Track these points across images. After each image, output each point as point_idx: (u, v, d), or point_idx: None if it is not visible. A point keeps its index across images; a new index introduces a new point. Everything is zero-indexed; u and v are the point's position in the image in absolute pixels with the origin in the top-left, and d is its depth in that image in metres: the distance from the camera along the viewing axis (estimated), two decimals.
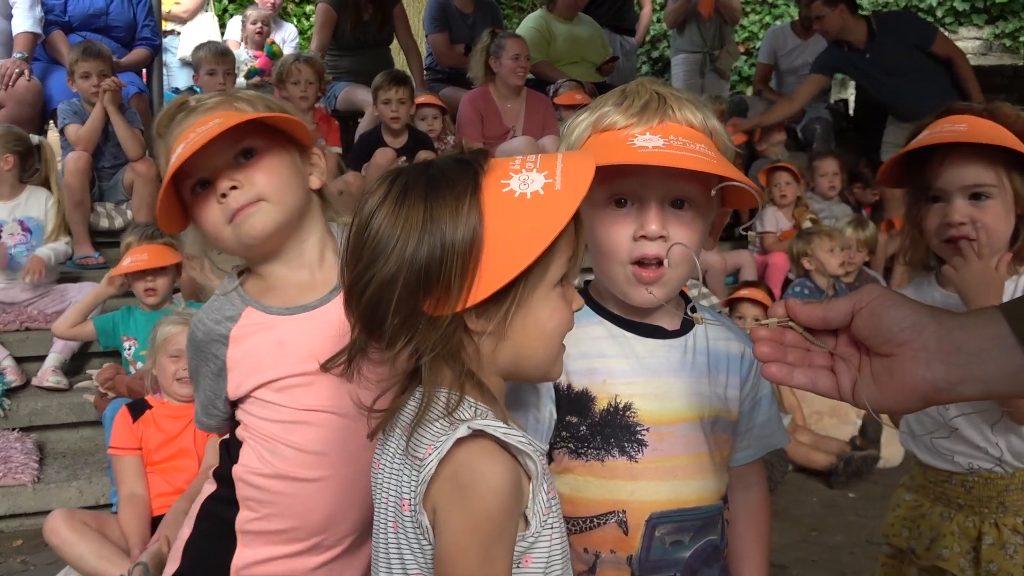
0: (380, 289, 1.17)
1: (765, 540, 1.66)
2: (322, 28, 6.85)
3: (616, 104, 1.48)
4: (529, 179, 1.19)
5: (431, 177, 1.20)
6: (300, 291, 1.71)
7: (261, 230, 1.65)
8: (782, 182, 6.02)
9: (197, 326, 1.72)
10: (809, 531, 3.96)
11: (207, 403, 1.77)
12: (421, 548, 1.20)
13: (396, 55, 7.44)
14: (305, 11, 12.46)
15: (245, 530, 1.72)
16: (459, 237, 1.15)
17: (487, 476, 1.16)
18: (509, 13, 12.85)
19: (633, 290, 1.47)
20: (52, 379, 4.41)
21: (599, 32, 7.52)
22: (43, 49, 5.85)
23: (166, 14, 7.97)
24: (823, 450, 4.55)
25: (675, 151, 1.38)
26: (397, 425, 1.27)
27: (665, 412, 1.49)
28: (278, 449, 1.69)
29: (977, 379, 1.04)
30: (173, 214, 1.69)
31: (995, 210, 1.83)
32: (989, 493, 1.92)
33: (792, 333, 1.14)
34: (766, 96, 7.71)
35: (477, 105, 6.22)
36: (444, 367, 1.21)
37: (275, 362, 1.67)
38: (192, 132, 1.60)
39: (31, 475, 4.03)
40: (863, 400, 1.10)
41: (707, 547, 1.52)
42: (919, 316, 1.06)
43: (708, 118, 1.47)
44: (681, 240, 1.43)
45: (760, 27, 12.72)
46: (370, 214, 1.20)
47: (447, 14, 7.08)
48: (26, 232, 4.80)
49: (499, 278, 1.15)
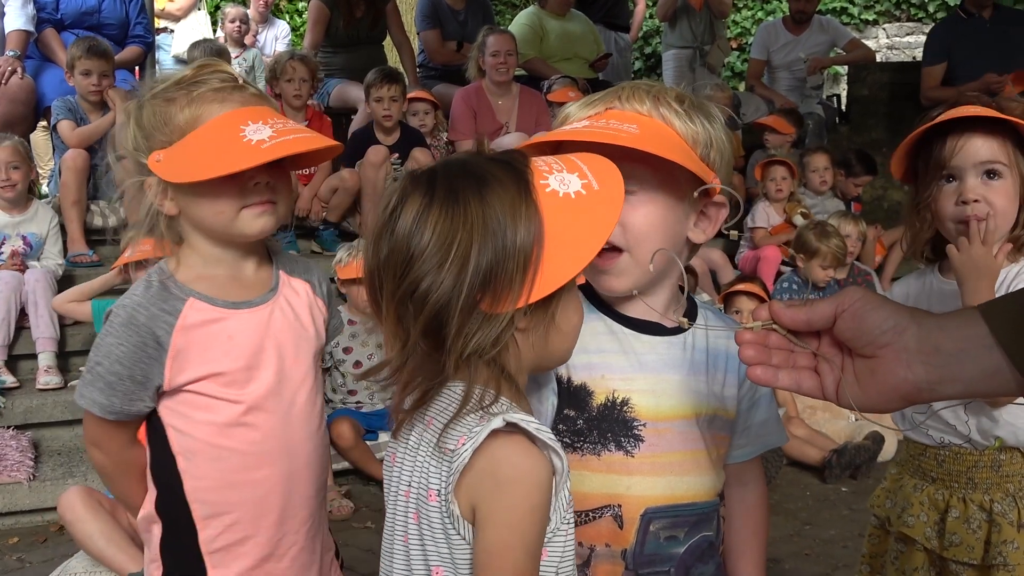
0: (444, 295, 1.15)
1: (762, 537, 1.67)
2: (315, 25, 6.84)
3: (581, 103, 1.51)
4: (565, 179, 1.22)
5: (478, 177, 1.20)
6: (234, 284, 1.72)
7: (270, 229, 1.69)
8: (778, 176, 6.04)
9: (138, 310, 1.64)
10: (802, 525, 3.99)
11: (130, 387, 1.65)
12: (447, 538, 1.21)
13: (389, 52, 7.44)
14: (298, 8, 12.45)
15: (212, 550, 1.70)
16: (521, 237, 1.16)
17: (531, 471, 1.18)
18: (502, 10, 12.84)
19: (595, 279, 1.49)
20: (43, 380, 4.42)
21: (591, 28, 7.54)
22: (36, 47, 5.84)
23: (160, 12, 7.99)
24: (817, 445, 4.57)
25: (594, 130, 1.39)
26: (417, 420, 1.28)
27: (662, 408, 1.50)
28: (221, 456, 1.68)
29: (957, 379, 1.06)
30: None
31: (1005, 190, 1.88)
32: (959, 468, 1.99)
33: (776, 335, 1.16)
34: (758, 92, 7.73)
35: (470, 101, 6.24)
36: (482, 364, 1.21)
37: (223, 354, 1.67)
38: (262, 120, 1.61)
39: (27, 473, 4.05)
40: (847, 400, 1.12)
41: (702, 543, 1.53)
42: (900, 318, 1.09)
43: (663, 106, 1.44)
44: (636, 223, 1.42)
45: (753, 23, 12.73)
46: (416, 220, 1.18)
47: (438, 11, 7.08)
48: (27, 247, 4.82)
49: (560, 276, 1.18)
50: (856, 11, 12.81)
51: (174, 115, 1.63)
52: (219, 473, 1.68)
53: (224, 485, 1.69)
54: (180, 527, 1.71)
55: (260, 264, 1.76)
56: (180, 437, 1.69)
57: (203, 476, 1.68)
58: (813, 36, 7.71)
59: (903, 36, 12.76)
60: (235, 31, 7.98)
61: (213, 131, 1.60)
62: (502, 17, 11.83)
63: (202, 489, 1.69)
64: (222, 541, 1.70)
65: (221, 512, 1.69)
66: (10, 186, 4.76)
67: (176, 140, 1.62)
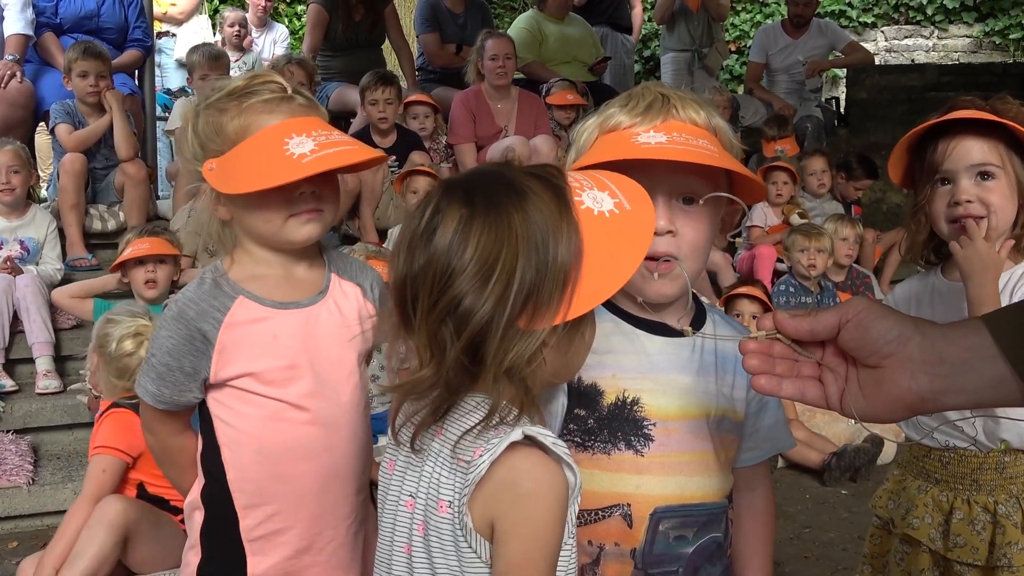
0: (488, 312, 1.13)
1: (769, 541, 1.67)
2: (314, 29, 6.85)
3: (621, 106, 1.51)
4: (598, 197, 1.22)
5: (519, 191, 1.17)
6: (284, 285, 1.77)
7: (316, 236, 1.74)
8: (779, 181, 6.06)
9: (189, 305, 1.72)
10: (802, 528, 3.99)
11: (180, 378, 1.72)
12: (458, 550, 1.20)
13: (388, 55, 7.45)
14: (296, 11, 12.45)
15: (252, 538, 1.75)
16: (563, 255, 1.15)
17: (551, 484, 1.18)
18: (501, 13, 12.85)
19: (646, 285, 1.48)
20: (42, 384, 4.42)
21: (590, 32, 7.54)
22: (35, 51, 5.84)
23: (162, 16, 8.00)
24: (816, 447, 4.57)
25: (677, 146, 1.41)
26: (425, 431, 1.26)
27: (672, 408, 1.51)
28: (263, 448, 1.73)
29: (961, 389, 1.06)
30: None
31: (1000, 190, 1.88)
32: (963, 470, 2.00)
33: (780, 345, 1.16)
34: (757, 95, 7.73)
35: (469, 105, 6.24)
36: (506, 380, 1.18)
37: (267, 352, 1.72)
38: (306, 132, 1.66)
39: (26, 477, 4.04)
40: (850, 409, 1.12)
41: (710, 544, 1.53)
42: (904, 328, 1.09)
43: (712, 116, 1.50)
44: (690, 235, 1.47)
45: (751, 26, 12.74)
46: (456, 232, 1.16)
47: (437, 14, 7.08)
48: (24, 251, 4.82)
49: (598, 295, 1.17)
50: (855, 14, 12.83)
51: (225, 125, 1.69)
52: (260, 465, 1.73)
53: (265, 477, 1.74)
54: (223, 515, 1.76)
55: (312, 266, 1.81)
56: (226, 428, 1.75)
57: (245, 467, 1.74)
58: (812, 39, 7.71)
59: (902, 39, 12.77)
60: (234, 35, 7.99)
61: (259, 143, 1.66)
62: (501, 20, 11.83)
63: (244, 479, 1.74)
64: (262, 530, 1.75)
65: (261, 503, 1.74)
66: (9, 190, 4.77)
67: (227, 150, 1.68)
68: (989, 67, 9.22)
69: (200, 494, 1.80)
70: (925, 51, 12.65)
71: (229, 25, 8.02)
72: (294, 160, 1.61)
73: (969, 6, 12.56)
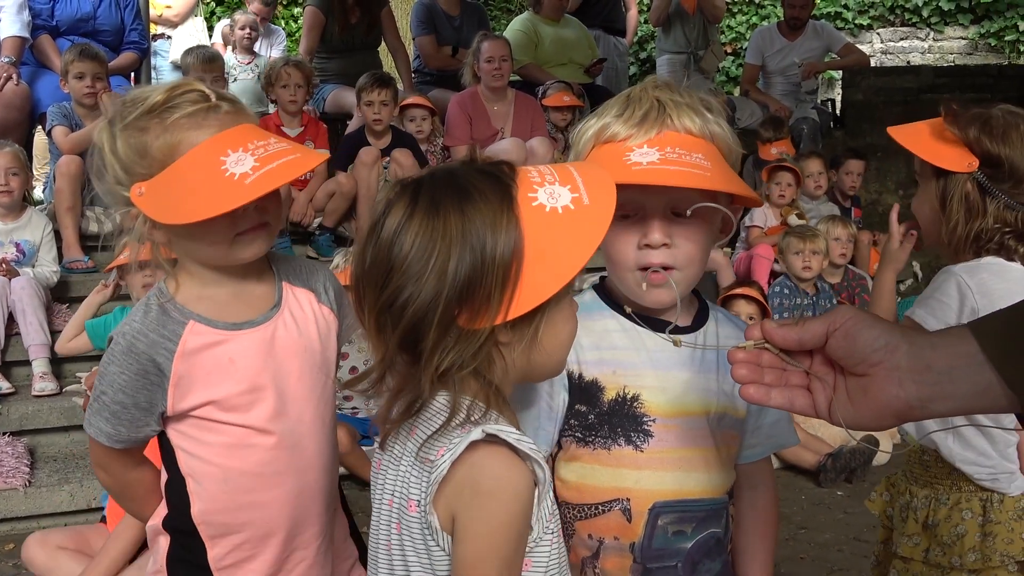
0: (422, 307, 1.15)
1: (771, 539, 1.68)
2: (310, 31, 6.85)
3: (618, 114, 1.51)
4: (555, 192, 1.20)
5: (461, 189, 1.18)
6: (235, 303, 1.68)
7: (264, 250, 1.66)
8: (784, 182, 6.06)
9: (138, 337, 1.61)
10: (798, 529, 3.99)
11: (136, 414, 1.64)
12: (427, 548, 1.21)
13: (384, 58, 7.45)
14: (293, 14, 12.46)
15: (221, 567, 1.69)
16: (500, 252, 1.15)
17: (510, 483, 1.17)
18: (497, 15, 12.86)
19: (645, 293, 1.50)
20: (38, 386, 4.42)
21: (586, 34, 7.55)
22: (31, 53, 5.84)
23: (157, 18, 7.99)
24: (812, 449, 4.58)
25: (668, 166, 1.42)
26: (403, 430, 1.27)
27: (672, 405, 1.52)
28: (230, 477, 1.66)
29: (948, 396, 1.07)
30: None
31: (918, 195, 2.06)
32: (903, 459, 2.15)
33: (769, 354, 1.17)
34: (753, 97, 7.75)
35: (465, 107, 6.25)
36: (470, 378, 1.20)
37: (225, 378, 1.64)
38: (242, 146, 1.53)
39: (22, 479, 4.04)
40: (838, 418, 1.13)
41: (710, 539, 1.54)
42: (891, 337, 1.10)
43: (708, 123, 1.49)
44: (685, 247, 1.48)
45: (747, 28, 12.76)
46: (397, 230, 1.17)
47: (433, 16, 7.09)
48: (20, 253, 4.82)
49: (541, 293, 1.16)
50: (850, 16, 12.85)
51: (150, 145, 1.56)
52: (227, 495, 1.66)
53: (233, 507, 1.67)
54: (189, 544, 1.70)
55: (261, 278, 1.71)
56: (189, 459, 1.67)
57: (211, 498, 1.67)
58: (807, 41, 7.72)
59: (897, 41, 12.80)
60: (244, 38, 7.95)
61: (193, 165, 1.54)
62: (497, 23, 11.84)
63: (210, 512, 1.67)
64: (231, 559, 1.69)
65: (229, 532, 1.68)
66: (7, 192, 4.76)
67: (156, 171, 1.55)
68: (984, 69, 9.25)
69: (162, 522, 1.74)
70: (921, 53, 12.67)
71: (240, 28, 7.98)
72: (236, 181, 1.50)
73: (964, 8, 12.59)
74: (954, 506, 2.02)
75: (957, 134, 1.91)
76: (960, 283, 1.90)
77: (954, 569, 2.00)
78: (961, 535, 2.00)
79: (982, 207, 1.91)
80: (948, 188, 1.93)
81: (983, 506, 2.01)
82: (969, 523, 2.00)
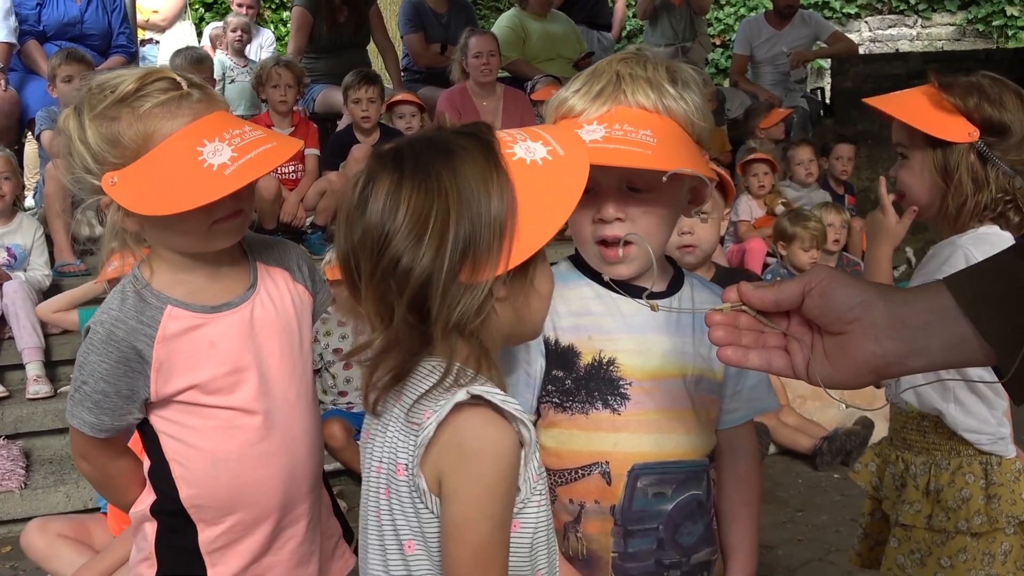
0: (427, 269, 1.15)
1: (754, 504, 1.69)
2: (298, 31, 6.85)
3: (577, 88, 1.53)
4: (530, 148, 1.23)
5: (446, 149, 1.20)
6: (211, 286, 1.67)
7: (239, 237, 1.66)
8: (760, 172, 6.06)
9: (116, 324, 1.60)
10: (795, 512, 4.00)
11: (118, 403, 1.63)
12: (416, 512, 1.22)
13: (374, 57, 7.45)
14: (282, 17, 12.45)
15: (211, 550, 1.69)
16: (495, 207, 1.17)
17: (496, 443, 1.19)
18: (487, 14, 12.86)
19: (604, 266, 1.53)
20: (33, 389, 4.41)
21: (573, 28, 7.56)
22: (18, 59, 5.84)
23: (145, 23, 7.97)
24: (807, 433, 4.59)
25: (610, 144, 1.43)
26: (392, 396, 1.28)
27: (647, 368, 1.53)
28: (218, 459, 1.66)
29: (924, 351, 1.08)
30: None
31: (908, 168, 1.99)
32: (895, 426, 2.14)
33: (746, 317, 1.17)
34: (742, 87, 7.76)
35: (455, 103, 6.25)
36: (460, 339, 1.21)
37: (207, 361, 1.64)
38: (218, 136, 1.53)
39: (18, 481, 4.04)
40: (816, 377, 1.13)
41: (691, 501, 1.55)
42: (867, 294, 1.10)
43: (665, 97, 1.49)
44: (642, 221, 1.49)
45: (735, 19, 12.76)
46: (388, 198, 1.18)
47: (421, 14, 7.09)
48: (11, 258, 4.81)
49: (535, 242, 1.19)
50: (838, 5, 12.86)
51: (122, 134, 1.54)
52: (216, 479, 1.66)
53: (221, 490, 1.67)
54: (178, 528, 1.69)
55: (235, 260, 1.71)
56: (174, 444, 1.67)
57: (200, 483, 1.66)
58: (795, 30, 7.74)
59: (886, 29, 12.81)
60: (235, 40, 7.92)
61: (169, 156, 1.53)
62: (487, 21, 11.83)
63: (199, 496, 1.67)
64: (222, 541, 1.69)
65: (220, 516, 1.68)
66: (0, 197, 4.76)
67: (129, 161, 1.54)
68: (972, 54, 9.25)
69: (150, 508, 1.72)
70: (909, 40, 12.69)
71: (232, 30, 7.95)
72: (214, 172, 1.49)
73: None
74: (956, 471, 2.01)
75: (956, 103, 1.89)
76: (968, 254, 1.89)
77: (959, 533, 1.99)
78: (966, 499, 1.99)
79: (985, 177, 1.90)
80: (950, 159, 1.91)
81: (984, 469, 2.00)
82: (973, 487, 2.00)
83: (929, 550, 2.02)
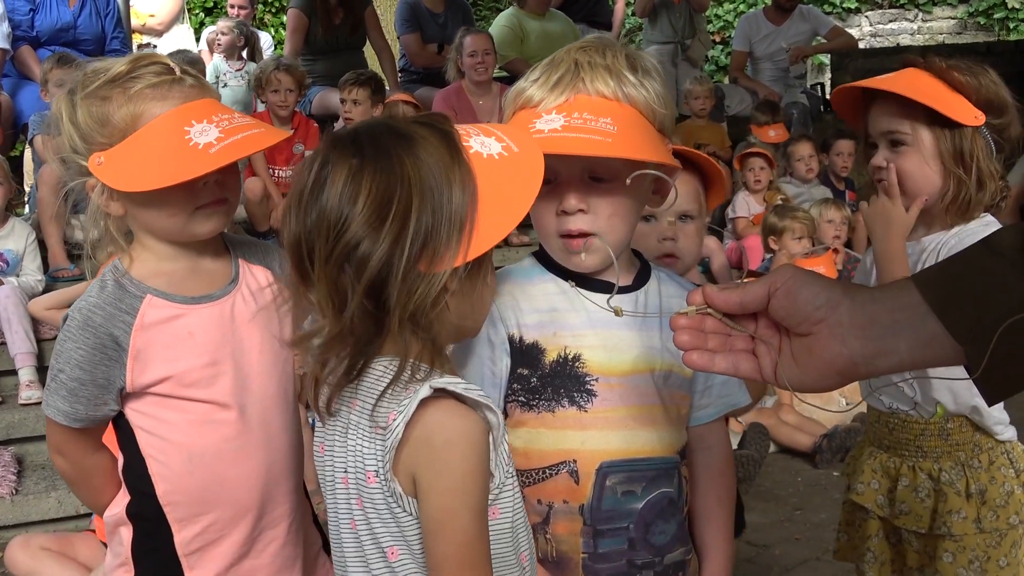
0: (385, 255, 1.13)
1: (728, 501, 1.66)
2: (294, 33, 6.84)
3: (536, 78, 1.51)
4: (485, 142, 1.23)
5: (405, 135, 1.19)
6: (192, 278, 1.67)
7: (221, 227, 1.66)
8: (756, 167, 6.03)
9: (94, 311, 1.59)
10: (793, 510, 3.98)
11: (94, 391, 1.61)
12: (395, 517, 1.21)
13: (370, 58, 7.43)
14: (282, 21, 12.44)
15: (189, 552, 1.66)
16: (457, 197, 1.16)
17: (463, 433, 1.18)
18: (487, 15, 12.85)
19: (567, 258, 1.50)
20: (24, 395, 4.39)
21: (571, 27, 7.53)
22: (12, 65, 5.83)
23: (141, 27, 7.95)
24: (807, 431, 4.57)
25: (569, 133, 1.41)
26: (343, 404, 1.25)
27: (614, 363, 1.50)
28: (195, 454, 1.64)
29: (893, 351, 1.05)
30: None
31: (910, 156, 1.88)
32: (907, 436, 1.99)
33: (712, 320, 1.14)
34: (742, 83, 7.72)
35: (451, 102, 6.22)
36: (412, 336, 1.19)
37: (185, 352, 1.62)
38: (206, 117, 1.54)
39: (9, 488, 4.01)
40: (783, 380, 1.11)
41: (662, 499, 1.52)
42: (832, 293, 1.07)
43: (625, 85, 1.47)
44: (604, 212, 1.46)
45: (735, 16, 12.74)
46: (347, 182, 1.15)
47: (417, 14, 7.07)
48: (3, 263, 4.80)
49: (494, 235, 1.18)
50: (838, 0, 12.82)
51: (112, 114, 1.55)
52: (192, 474, 1.63)
53: (198, 486, 1.64)
54: (154, 531, 1.66)
55: (218, 254, 1.70)
56: (150, 439, 1.64)
57: (176, 478, 1.64)
58: (794, 25, 7.69)
59: (886, 23, 12.77)
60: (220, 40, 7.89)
61: (157, 134, 1.54)
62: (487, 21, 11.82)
63: (175, 492, 1.64)
64: (199, 542, 1.66)
65: (197, 514, 1.65)
66: None
67: (117, 141, 1.55)
68: (973, 47, 9.22)
69: (126, 510, 1.70)
70: (910, 34, 12.65)
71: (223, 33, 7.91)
72: (200, 151, 1.50)
73: None
74: (989, 467, 1.94)
75: (969, 81, 1.82)
76: None
77: (1012, 529, 1.92)
78: (1009, 492, 1.93)
79: (995, 161, 1.86)
80: (963, 143, 1.84)
81: (1009, 459, 1.94)
82: (1011, 480, 1.93)
83: (987, 554, 1.93)
